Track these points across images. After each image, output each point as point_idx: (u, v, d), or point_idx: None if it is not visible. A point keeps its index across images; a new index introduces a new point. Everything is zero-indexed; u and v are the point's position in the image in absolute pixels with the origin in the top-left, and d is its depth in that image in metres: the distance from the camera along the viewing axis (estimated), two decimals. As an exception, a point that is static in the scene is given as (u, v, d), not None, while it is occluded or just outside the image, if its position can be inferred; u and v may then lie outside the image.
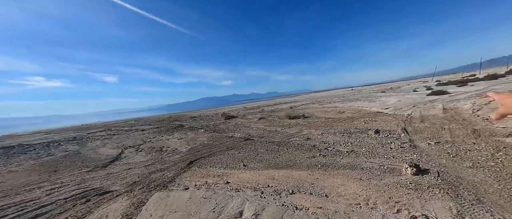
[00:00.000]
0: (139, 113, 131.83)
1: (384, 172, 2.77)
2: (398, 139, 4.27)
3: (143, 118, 40.00)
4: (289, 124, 8.37)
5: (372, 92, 20.74)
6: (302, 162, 3.52)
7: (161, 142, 8.02)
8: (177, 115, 35.16)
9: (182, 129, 11.51)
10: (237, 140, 6.37)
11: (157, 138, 9.30)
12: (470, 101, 7.10)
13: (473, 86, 11.57)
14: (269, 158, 3.99)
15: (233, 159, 4.24)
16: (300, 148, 4.42)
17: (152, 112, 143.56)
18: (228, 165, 3.90)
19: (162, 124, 17.03)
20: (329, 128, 6.30)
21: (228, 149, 5.17)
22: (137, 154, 6.21)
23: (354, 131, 5.42)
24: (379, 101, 11.32)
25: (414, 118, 6.18)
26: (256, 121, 10.80)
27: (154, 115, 54.99)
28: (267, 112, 15.26)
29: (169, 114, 42.50)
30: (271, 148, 4.70)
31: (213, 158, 4.53)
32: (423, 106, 7.94)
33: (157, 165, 4.67)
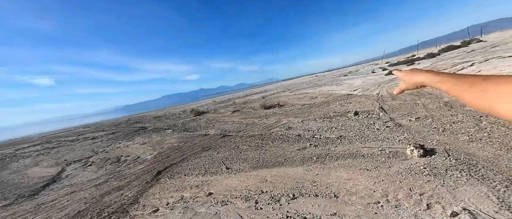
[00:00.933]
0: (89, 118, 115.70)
1: (388, 157, 2.50)
2: (379, 119, 4.20)
3: (95, 123, 34.77)
4: (266, 114, 7.94)
5: (336, 77, 21.92)
6: (293, 156, 3.07)
7: (118, 150, 6.68)
8: (138, 116, 31.65)
9: (145, 132, 10.06)
10: (212, 137, 5.61)
11: (112, 145, 7.81)
12: None
13: (420, 64, 13.03)
14: (254, 155, 3.43)
15: (212, 162, 3.55)
16: (286, 140, 3.98)
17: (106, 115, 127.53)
18: (207, 170, 3.20)
19: (119, 128, 14.85)
20: (307, 115, 6.05)
21: (204, 150, 4.42)
22: (85, 170, 4.93)
23: (334, 115, 5.26)
24: (346, 84, 11.79)
25: (384, 96, 6.39)
26: (230, 115, 10.09)
27: (109, 118, 48.68)
28: (239, 104, 14.61)
29: (128, 116, 38.03)
30: (254, 143, 4.14)
31: (187, 164, 3.74)
32: (387, 85, 8.41)
33: (113, 182, 3.65)
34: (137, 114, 46.44)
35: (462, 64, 8.34)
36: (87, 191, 3.51)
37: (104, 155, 6.20)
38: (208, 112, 13.86)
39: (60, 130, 33.03)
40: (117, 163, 5.05)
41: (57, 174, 4.90)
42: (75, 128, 28.55)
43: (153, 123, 14.24)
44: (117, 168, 4.61)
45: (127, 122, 20.95)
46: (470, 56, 10.30)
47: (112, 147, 7.46)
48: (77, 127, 31.17)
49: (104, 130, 15.98)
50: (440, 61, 11.68)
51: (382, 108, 4.82)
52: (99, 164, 5.25)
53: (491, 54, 9.18)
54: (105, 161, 5.45)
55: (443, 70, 0.89)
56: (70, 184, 4.05)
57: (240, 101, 16.98)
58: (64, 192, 3.66)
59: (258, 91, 27.97)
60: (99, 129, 17.80)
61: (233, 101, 18.54)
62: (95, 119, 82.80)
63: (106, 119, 49.63)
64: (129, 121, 23.33)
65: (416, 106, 4.53)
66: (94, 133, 15.12)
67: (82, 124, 43.17)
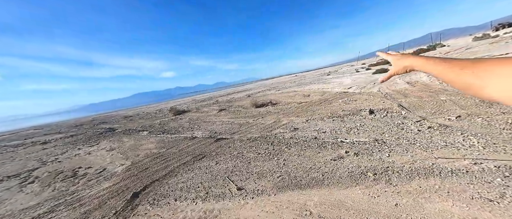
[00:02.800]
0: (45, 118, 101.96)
1: (480, 176, 1.83)
2: (406, 118, 3.64)
3: (51, 124, 30.10)
4: (259, 113, 7.10)
5: (318, 76, 22.02)
6: (333, 170, 2.23)
7: (76, 159, 5.22)
8: (104, 115, 28.28)
9: (113, 134, 8.46)
10: (202, 141, 4.58)
11: (69, 153, 6.22)
12: (420, 75, 7.72)
13: None
14: (271, 167, 2.55)
15: (213, 177, 2.58)
16: (304, 145, 3.16)
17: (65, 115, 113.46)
18: (209, 192, 2.23)
19: (81, 130, 12.66)
20: (310, 114, 5.38)
21: (196, 159, 3.40)
22: (22, 190, 3.51)
23: (344, 114, 4.65)
24: (334, 83, 11.54)
25: (390, 94, 6.01)
26: (216, 114, 9.02)
27: (69, 118, 43.05)
28: (223, 103, 13.52)
29: (93, 116, 33.87)
30: (262, 150, 3.25)
31: (176, 180, 2.71)
32: (382, 84, 8.23)
33: (62, 213, 2.46)
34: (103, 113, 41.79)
35: None
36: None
37: (55, 167, 4.73)
38: (190, 110, 12.53)
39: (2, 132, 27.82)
40: (72, 178, 3.73)
41: (-24, 199, 3.41)
42: (24, 130, 24.26)
43: (124, 124, 12.41)
44: (71, 186, 3.34)
45: (91, 122, 18.33)
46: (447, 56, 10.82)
47: (68, 155, 5.89)
48: (26, 128, 26.59)
49: (60, 132, 13.53)
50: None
51: (401, 105, 4.33)
52: (45, 180, 3.85)
53: (471, 54, 9.66)
54: (54, 175, 4.05)
55: None
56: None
57: (224, 100, 15.87)
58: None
59: (241, 90, 26.98)
60: (55, 131, 15.11)
61: (216, 100, 17.31)
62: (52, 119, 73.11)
63: (65, 119, 43.75)
64: (93, 121, 20.52)
65: (444, 103, 4.11)
66: (47, 136, 12.66)
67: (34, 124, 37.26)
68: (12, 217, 2.60)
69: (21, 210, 2.72)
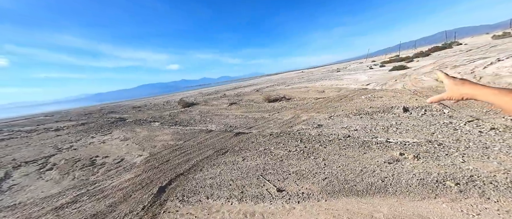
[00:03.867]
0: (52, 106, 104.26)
1: None
2: (452, 117, 3.25)
3: (59, 111, 30.63)
4: (274, 108, 6.92)
5: (327, 73, 21.57)
6: (394, 175, 2.00)
7: (91, 147, 5.19)
8: (112, 105, 28.60)
9: (125, 124, 8.45)
10: (220, 135, 4.45)
11: (83, 140, 6.21)
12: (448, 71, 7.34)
13: (419, 62, 13.01)
14: (310, 167, 2.35)
15: (244, 174, 2.43)
16: (341, 143, 2.87)
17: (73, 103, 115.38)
18: (244, 191, 2.08)
19: (91, 119, 12.76)
20: (332, 110, 5.15)
21: (218, 153, 3.27)
22: (41, 177, 3.47)
23: (372, 111, 4.38)
24: (348, 79, 11.20)
25: (422, 91, 5.60)
26: (227, 107, 8.88)
27: (77, 107, 43.80)
28: (232, 97, 13.38)
29: (100, 105, 34.33)
30: (291, 147, 3.05)
31: (202, 175, 2.58)
32: (405, 80, 7.83)
33: (86, 204, 2.38)
34: (111, 103, 42.32)
35: (477, 61, 8.06)
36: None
37: (72, 154, 4.69)
38: (198, 103, 12.45)
39: (14, 117, 28.46)
40: (90, 167, 3.66)
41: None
42: (34, 116, 24.73)
43: (133, 114, 12.44)
44: (91, 175, 3.26)
45: (100, 111, 18.51)
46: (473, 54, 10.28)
47: (82, 143, 5.87)
48: (36, 115, 27.12)
49: (71, 120, 13.67)
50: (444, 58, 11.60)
51: (442, 103, 4.00)
52: (63, 168, 3.80)
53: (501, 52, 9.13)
54: (72, 163, 4.00)
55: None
56: (10, 205, 2.64)
57: (232, 94, 15.72)
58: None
59: (247, 84, 26.77)
60: (65, 118, 15.29)
61: (223, 94, 17.18)
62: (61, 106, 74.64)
63: (73, 107, 44.50)
64: (102, 110, 20.74)
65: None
66: (59, 122, 12.80)
67: (44, 111, 38.02)
68: (34, 205, 2.53)
69: (43, 199, 2.65)
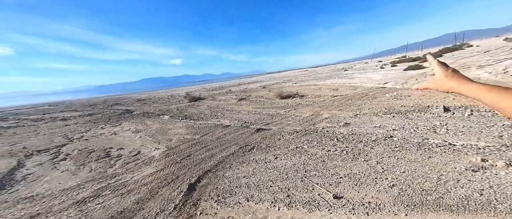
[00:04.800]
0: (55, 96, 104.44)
1: None
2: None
3: (63, 101, 30.60)
4: (287, 104, 6.72)
5: (333, 72, 21.24)
6: (493, 187, 1.70)
7: (103, 138, 5.03)
8: (116, 97, 28.53)
9: (133, 116, 8.30)
10: (239, 130, 4.28)
11: (93, 131, 6.07)
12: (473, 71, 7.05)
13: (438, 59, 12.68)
14: (366, 172, 2.11)
15: (284, 175, 2.20)
16: (391, 145, 2.64)
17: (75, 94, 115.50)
18: (291, 196, 1.84)
19: (97, 110, 12.63)
20: (355, 108, 4.89)
21: (244, 150, 3.08)
22: (56, 167, 3.31)
23: (405, 110, 4.05)
24: (360, 78, 10.92)
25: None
26: (237, 103, 8.69)
27: (80, 98, 43.84)
28: (238, 92, 13.19)
29: (104, 97, 34.29)
30: (328, 146, 2.78)
31: (233, 174, 2.39)
32: (426, 79, 7.63)
33: (110, 199, 2.21)
34: (114, 95, 42.29)
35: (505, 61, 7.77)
36: (60, 215, 2.03)
37: (84, 145, 4.54)
38: (205, 98, 12.27)
39: (19, 106, 28.47)
40: (106, 159, 3.50)
41: (8, 173, 3.22)
42: (39, 105, 24.70)
43: (139, 106, 12.29)
44: (109, 168, 3.10)
45: (105, 103, 18.40)
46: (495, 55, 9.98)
47: (92, 133, 5.73)
48: (41, 104, 27.09)
49: (76, 110, 13.56)
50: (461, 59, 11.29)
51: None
52: (78, 158, 3.65)
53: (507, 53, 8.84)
54: (86, 154, 3.84)
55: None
56: (27, 196, 2.49)
57: (238, 90, 15.51)
58: (18, 214, 2.13)
59: (251, 81, 26.52)
60: (70, 109, 15.19)
61: (229, 89, 16.97)
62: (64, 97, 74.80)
63: (77, 98, 44.55)
64: (106, 102, 20.64)
65: None
66: (64, 112, 12.69)
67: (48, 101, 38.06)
68: (53, 197, 2.38)
69: (62, 191, 2.50)
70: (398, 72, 10.43)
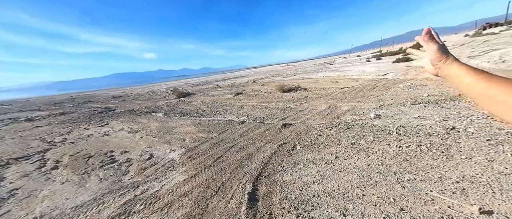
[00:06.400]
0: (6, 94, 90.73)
1: None
2: None
3: (17, 100, 26.45)
4: (293, 98, 6.54)
5: (319, 66, 21.71)
6: None
7: (93, 140, 4.30)
8: (84, 95, 25.67)
9: (119, 115, 7.41)
10: (261, 127, 3.95)
11: (76, 132, 5.21)
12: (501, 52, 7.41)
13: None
14: (484, 173, 1.75)
15: (367, 179, 1.86)
16: (470, 136, 2.36)
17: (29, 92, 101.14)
18: (406, 209, 1.48)
19: (67, 109, 11.10)
20: (374, 99, 4.72)
21: (286, 149, 2.75)
22: (50, 178, 2.65)
23: (435, 100, 3.88)
24: (353, 71, 11.17)
25: None
26: (234, 98, 8.28)
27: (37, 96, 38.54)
28: (228, 87, 12.70)
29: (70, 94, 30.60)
30: (391, 140, 2.54)
31: (296, 178, 2.00)
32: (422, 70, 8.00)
33: (147, 216, 1.77)
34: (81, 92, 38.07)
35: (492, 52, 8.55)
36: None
37: (73, 149, 3.80)
38: (194, 94, 11.56)
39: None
40: (113, 165, 2.93)
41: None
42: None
43: (118, 104, 11.13)
44: (123, 176, 2.57)
45: (73, 101, 16.39)
46: (476, 48, 10.99)
47: (77, 135, 4.88)
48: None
49: (40, 109, 11.74)
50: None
51: None
52: (74, 166, 2.99)
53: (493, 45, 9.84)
54: (83, 160, 3.18)
55: None
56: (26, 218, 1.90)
57: (226, 85, 14.97)
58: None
59: (236, 76, 25.93)
60: (31, 108, 13.12)
61: (216, 84, 16.29)
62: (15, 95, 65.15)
63: (32, 96, 38.99)
64: (74, 99, 18.41)
65: None
66: (25, 112, 10.89)
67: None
68: (65, 217, 1.84)
69: (75, 209, 1.95)
70: (387, 64, 10.94)
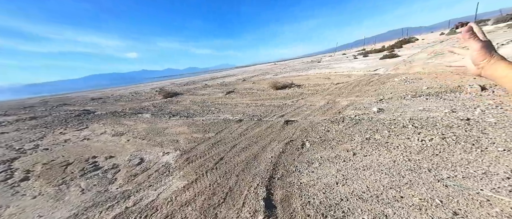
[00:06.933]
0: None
1: None
2: None
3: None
4: (288, 95, 6.37)
5: (307, 64, 21.89)
6: None
7: (71, 145, 3.81)
8: (58, 97, 23.81)
9: (100, 117, 6.81)
10: (262, 125, 3.71)
11: (50, 137, 4.65)
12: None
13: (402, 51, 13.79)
14: None
15: (398, 177, 1.65)
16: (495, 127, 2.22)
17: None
18: (460, 213, 1.25)
19: (39, 113, 10.09)
20: (373, 94, 4.60)
21: (293, 147, 2.53)
22: (19, 192, 2.21)
23: (435, 92, 3.86)
24: (343, 67, 11.24)
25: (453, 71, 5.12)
26: (226, 96, 7.97)
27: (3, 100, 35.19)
28: (218, 86, 12.33)
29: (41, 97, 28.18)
30: (410, 134, 2.36)
31: (314, 180, 1.70)
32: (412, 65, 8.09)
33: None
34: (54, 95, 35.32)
35: None
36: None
37: (47, 156, 3.30)
38: (182, 93, 11.06)
39: None
40: (97, 172, 2.53)
41: None
42: None
43: (99, 106, 10.35)
44: (109, 185, 2.21)
45: (45, 104, 15.06)
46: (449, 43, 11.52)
47: (51, 140, 4.32)
48: None
49: (8, 114, 10.57)
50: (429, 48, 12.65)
51: None
52: (49, 175, 2.54)
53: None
54: (60, 168, 2.73)
55: None
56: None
57: (215, 84, 14.55)
58: None
59: (224, 75, 25.45)
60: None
61: (204, 84, 15.78)
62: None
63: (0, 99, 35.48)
64: (47, 102, 16.96)
65: None
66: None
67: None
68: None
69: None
70: (375, 61, 11.18)
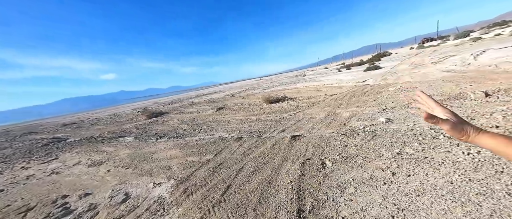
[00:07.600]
0: None
1: None
2: None
3: None
4: (283, 108, 6.14)
5: (293, 78, 22.33)
6: None
7: (36, 182, 3.11)
8: (25, 125, 21.59)
9: (72, 145, 6.01)
10: (266, 142, 3.35)
11: (8, 174, 3.86)
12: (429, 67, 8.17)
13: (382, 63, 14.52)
14: None
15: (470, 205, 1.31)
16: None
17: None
18: None
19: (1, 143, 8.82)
20: (373, 103, 4.43)
21: (313, 167, 2.17)
22: None
23: (439, 100, 3.77)
24: (330, 80, 11.43)
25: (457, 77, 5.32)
26: (216, 113, 7.56)
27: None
28: (207, 103, 11.89)
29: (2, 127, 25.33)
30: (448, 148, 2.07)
31: (356, 213, 1.37)
32: (399, 75, 8.38)
33: None
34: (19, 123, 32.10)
35: (454, 57, 9.51)
36: None
37: (0, 200, 2.59)
38: (168, 112, 10.43)
39: None
40: (67, 217, 1.96)
41: None
42: None
43: (72, 132, 9.37)
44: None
45: (7, 135, 13.42)
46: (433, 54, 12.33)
47: (10, 179, 3.53)
48: None
49: (-42, 149, 9.04)
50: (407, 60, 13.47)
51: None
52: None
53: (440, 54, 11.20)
54: (17, 215, 2.10)
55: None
56: None
57: (202, 101, 14.09)
58: None
59: (211, 92, 25.03)
60: None
61: (190, 101, 15.23)
62: None
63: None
64: (9, 132, 15.19)
65: None
66: None
67: None
68: None
69: None
70: (361, 73, 11.57)
